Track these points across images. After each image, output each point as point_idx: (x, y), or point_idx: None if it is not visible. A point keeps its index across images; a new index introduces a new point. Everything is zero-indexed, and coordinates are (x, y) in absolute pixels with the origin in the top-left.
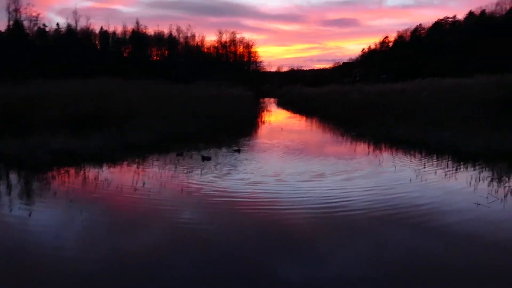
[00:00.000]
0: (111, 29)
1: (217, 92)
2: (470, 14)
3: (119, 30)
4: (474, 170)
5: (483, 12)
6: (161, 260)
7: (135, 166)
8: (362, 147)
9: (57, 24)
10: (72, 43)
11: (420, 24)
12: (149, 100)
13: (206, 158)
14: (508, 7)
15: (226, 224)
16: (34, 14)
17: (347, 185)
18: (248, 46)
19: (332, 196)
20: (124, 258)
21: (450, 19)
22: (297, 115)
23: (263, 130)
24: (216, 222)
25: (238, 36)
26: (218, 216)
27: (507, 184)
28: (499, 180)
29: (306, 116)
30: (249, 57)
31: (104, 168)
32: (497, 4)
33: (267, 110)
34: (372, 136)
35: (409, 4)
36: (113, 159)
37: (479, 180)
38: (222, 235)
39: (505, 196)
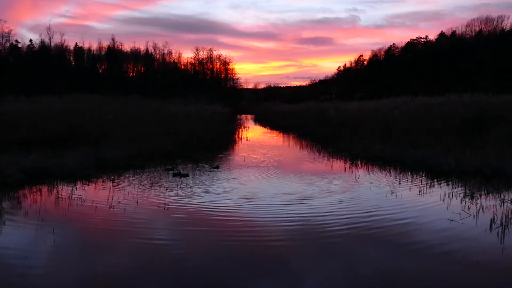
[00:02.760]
0: (86, 45)
1: (194, 108)
2: (441, 34)
3: (94, 46)
4: (447, 186)
5: (453, 33)
6: (134, 282)
7: (110, 184)
8: (338, 164)
9: (30, 40)
10: (45, 59)
11: (393, 44)
12: (125, 117)
13: (183, 175)
14: (477, 29)
15: (202, 247)
16: (6, 30)
17: (324, 203)
18: (225, 63)
19: (307, 214)
20: (97, 280)
21: (422, 39)
22: (275, 132)
23: (240, 146)
24: (191, 244)
25: (215, 53)
26: (194, 238)
27: (479, 201)
28: (471, 197)
29: (283, 133)
30: (226, 74)
31: (78, 186)
32: (467, 26)
33: (244, 127)
34: (348, 153)
35: (381, 24)
36: (88, 177)
37: (452, 197)
38: (198, 258)
39: (477, 212)
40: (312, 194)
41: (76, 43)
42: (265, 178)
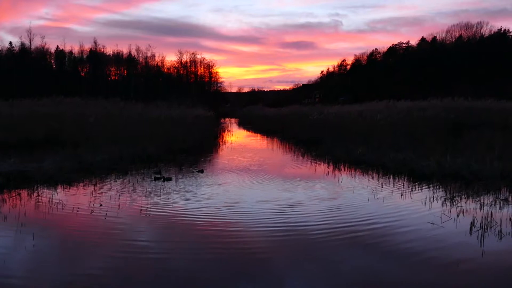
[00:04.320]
0: (67, 48)
1: (177, 112)
2: (423, 40)
3: (76, 49)
4: (428, 190)
5: (434, 38)
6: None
7: (91, 188)
8: (322, 168)
9: (10, 43)
10: (26, 62)
11: (375, 49)
12: (107, 120)
13: (166, 179)
14: (457, 35)
15: (185, 253)
16: None
17: (306, 207)
18: (209, 66)
19: (290, 219)
20: (77, 286)
21: (404, 45)
22: (258, 135)
23: (224, 150)
24: (174, 250)
25: (198, 56)
26: (176, 244)
27: (459, 204)
28: (452, 200)
29: (267, 136)
30: (210, 77)
31: (59, 190)
32: (447, 32)
33: (228, 130)
34: (331, 157)
35: (363, 29)
36: (69, 181)
37: (433, 200)
38: (180, 264)
39: (458, 215)
40: (295, 199)
41: (58, 46)
42: (250, 183)
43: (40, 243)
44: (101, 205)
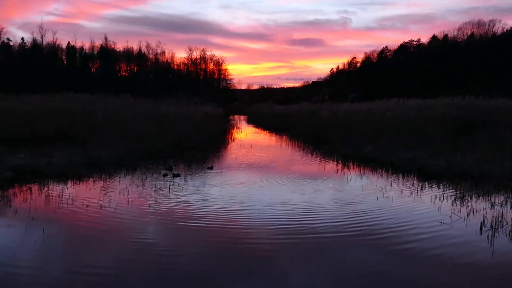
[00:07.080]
0: (78, 44)
1: (186, 109)
2: (434, 38)
3: (86, 45)
4: (438, 189)
5: (445, 36)
6: (123, 283)
7: (100, 183)
8: (330, 166)
9: (22, 38)
10: (37, 58)
11: (386, 46)
12: (116, 116)
13: (175, 175)
14: (469, 32)
15: (193, 249)
16: None
17: (313, 205)
18: (218, 63)
19: (298, 216)
20: (86, 280)
21: (414, 42)
22: (267, 132)
23: (233, 147)
24: (182, 246)
25: (208, 53)
26: (185, 240)
27: (469, 203)
28: (462, 199)
29: (276, 133)
30: (220, 74)
31: (69, 185)
32: (459, 29)
33: (237, 127)
34: (340, 154)
35: (373, 27)
36: (78, 176)
37: (443, 199)
38: (188, 260)
39: (468, 215)
40: (301, 196)
41: (69, 42)
42: (258, 180)
43: (50, 237)
44: (110, 200)
